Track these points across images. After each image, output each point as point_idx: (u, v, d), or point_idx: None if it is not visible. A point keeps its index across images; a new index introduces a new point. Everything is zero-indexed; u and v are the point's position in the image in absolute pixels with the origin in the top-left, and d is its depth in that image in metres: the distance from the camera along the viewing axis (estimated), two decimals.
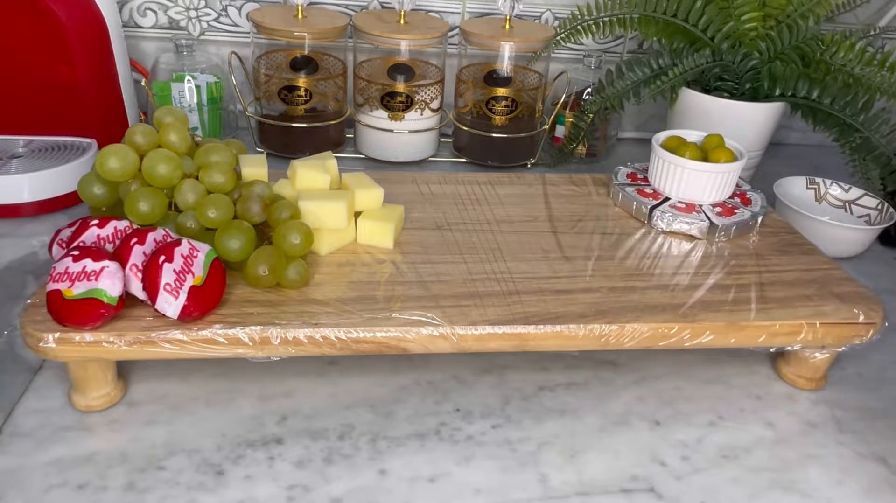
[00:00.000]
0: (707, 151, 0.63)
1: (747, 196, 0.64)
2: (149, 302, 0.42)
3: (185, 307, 0.42)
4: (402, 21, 0.78)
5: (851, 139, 0.73)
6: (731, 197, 0.63)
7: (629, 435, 0.47)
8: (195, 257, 0.44)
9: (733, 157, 0.61)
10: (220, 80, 0.80)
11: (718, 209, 0.61)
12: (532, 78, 0.82)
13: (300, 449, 0.44)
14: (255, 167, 0.54)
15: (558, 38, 0.77)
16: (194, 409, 0.46)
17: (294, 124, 0.79)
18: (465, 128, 0.82)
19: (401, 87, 0.78)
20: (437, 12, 0.87)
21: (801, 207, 0.70)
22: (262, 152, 0.80)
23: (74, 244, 0.45)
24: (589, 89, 0.85)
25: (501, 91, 0.80)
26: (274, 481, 0.42)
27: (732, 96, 0.76)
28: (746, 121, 0.76)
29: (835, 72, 0.72)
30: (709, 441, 0.47)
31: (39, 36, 0.64)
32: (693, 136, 0.66)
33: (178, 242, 0.44)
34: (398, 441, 0.45)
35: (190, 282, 0.42)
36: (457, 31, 0.86)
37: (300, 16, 0.75)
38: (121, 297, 0.42)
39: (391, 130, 0.79)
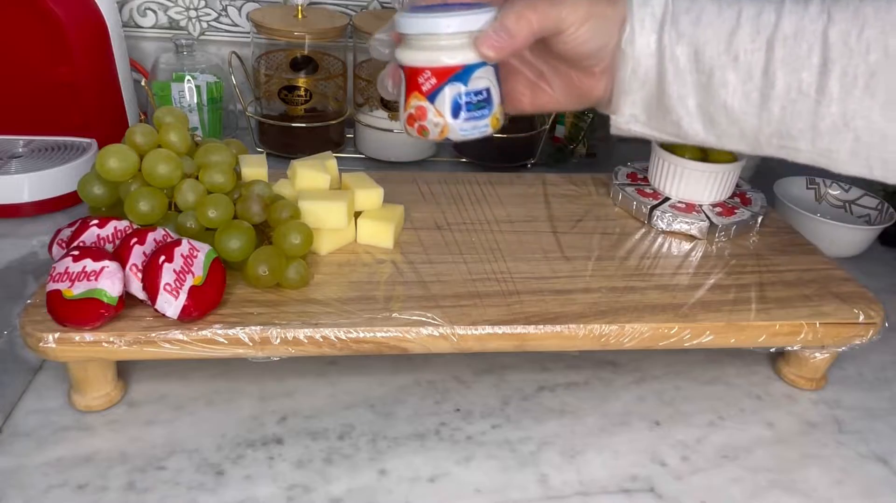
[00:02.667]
0: (707, 151, 0.62)
1: (747, 196, 0.64)
2: (149, 302, 0.42)
3: (185, 307, 0.42)
4: None
5: None
6: (731, 197, 0.63)
7: (629, 435, 0.47)
8: (195, 257, 0.44)
9: (733, 157, 0.61)
10: (220, 80, 0.80)
11: (718, 209, 0.61)
12: None
13: (300, 449, 0.44)
14: (255, 167, 0.54)
15: None
16: (194, 409, 0.46)
17: (294, 124, 0.79)
18: None
19: None
20: None
21: (801, 207, 0.70)
22: (262, 152, 0.80)
23: (74, 244, 0.45)
24: None
25: None
26: (274, 481, 0.42)
27: None
28: None
29: None
30: (709, 441, 0.47)
31: (39, 36, 0.64)
32: None
33: (178, 242, 0.44)
34: (398, 441, 0.45)
35: (190, 282, 0.42)
36: None
37: (300, 16, 0.75)
38: (121, 297, 0.42)
39: (391, 130, 0.79)
